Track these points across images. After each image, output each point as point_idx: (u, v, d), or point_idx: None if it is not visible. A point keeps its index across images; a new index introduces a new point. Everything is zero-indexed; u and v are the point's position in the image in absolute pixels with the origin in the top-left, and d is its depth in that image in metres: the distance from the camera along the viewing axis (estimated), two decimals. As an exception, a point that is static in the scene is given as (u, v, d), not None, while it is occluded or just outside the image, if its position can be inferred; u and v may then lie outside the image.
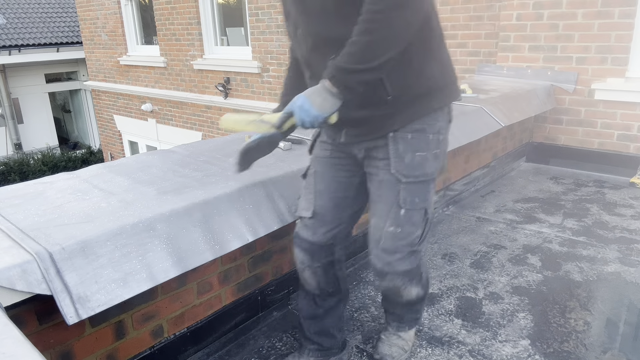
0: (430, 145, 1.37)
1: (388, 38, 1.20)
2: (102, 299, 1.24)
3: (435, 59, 1.33)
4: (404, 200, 1.37)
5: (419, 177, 1.37)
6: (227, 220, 1.60)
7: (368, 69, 1.22)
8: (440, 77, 1.35)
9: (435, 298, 2.13)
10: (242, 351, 1.83)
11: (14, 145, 13.08)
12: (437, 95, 1.36)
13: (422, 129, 1.36)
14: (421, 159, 1.36)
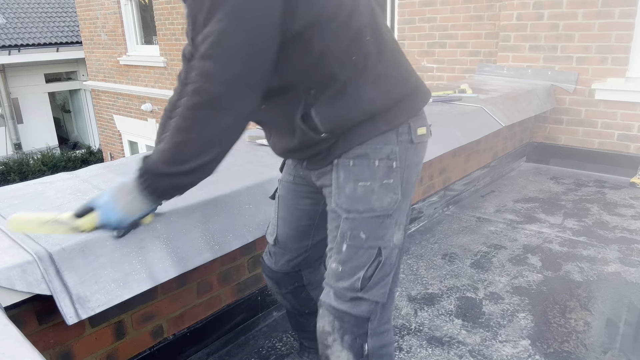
0: (376, 173, 1.13)
1: (202, 140, 1.02)
2: (102, 299, 1.24)
3: (376, 80, 1.11)
4: (344, 234, 1.15)
5: (364, 213, 1.13)
6: (227, 220, 1.60)
7: (180, 173, 1.06)
8: (385, 97, 1.12)
9: (436, 298, 2.12)
10: (242, 351, 1.83)
11: (14, 145, 13.07)
12: (382, 117, 1.12)
13: (364, 155, 1.13)
14: (365, 191, 1.13)
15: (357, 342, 1.17)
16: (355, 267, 1.14)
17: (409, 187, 1.19)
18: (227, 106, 1.00)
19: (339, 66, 1.07)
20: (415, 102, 1.17)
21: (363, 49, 1.08)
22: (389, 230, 1.15)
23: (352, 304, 1.15)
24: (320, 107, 1.10)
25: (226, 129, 1.03)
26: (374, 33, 1.10)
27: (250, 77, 1.00)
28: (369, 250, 1.14)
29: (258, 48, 0.97)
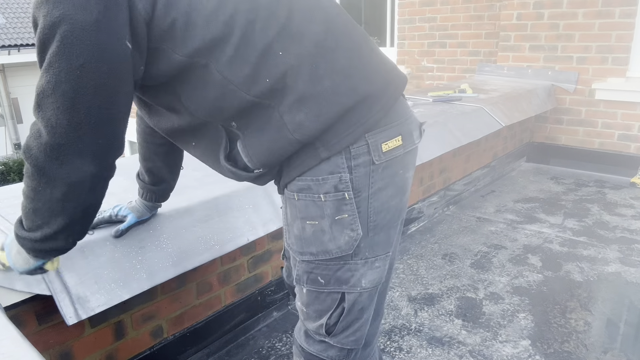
0: (324, 209, 0.94)
1: (40, 210, 0.89)
2: (102, 299, 1.24)
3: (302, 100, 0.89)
4: (300, 277, 1.02)
5: (318, 256, 0.97)
6: (227, 220, 1.59)
7: (35, 240, 0.93)
8: (316, 118, 0.89)
9: (436, 298, 2.12)
10: (242, 351, 1.83)
11: (14, 145, 13.08)
12: (320, 141, 0.91)
13: (307, 188, 0.94)
14: (314, 230, 0.95)
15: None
16: (318, 311, 1.02)
17: (385, 215, 0.98)
18: (52, 178, 0.85)
19: (252, 95, 0.88)
20: (370, 112, 0.93)
21: (277, 66, 0.87)
22: (355, 273, 0.98)
23: (321, 347, 1.05)
24: (247, 140, 0.93)
25: (60, 199, 0.87)
26: (290, 43, 0.88)
27: (75, 142, 0.82)
28: (331, 294, 1.00)
29: (100, 113, 0.82)
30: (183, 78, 0.87)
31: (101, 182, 0.93)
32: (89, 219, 0.96)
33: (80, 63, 0.77)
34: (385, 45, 5.05)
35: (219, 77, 0.86)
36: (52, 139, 0.82)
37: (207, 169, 1.42)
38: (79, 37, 0.76)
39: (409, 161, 1.01)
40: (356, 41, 0.95)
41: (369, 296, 1.02)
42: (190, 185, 1.69)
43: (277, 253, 2.01)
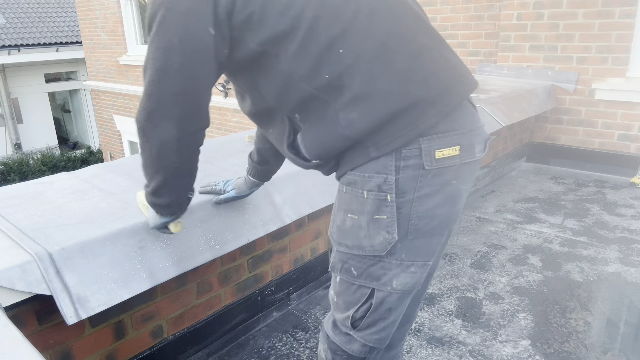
0: (365, 206, 0.96)
1: (146, 165, 1.08)
2: (102, 299, 1.24)
3: (356, 99, 0.93)
4: (335, 264, 1.06)
5: (352, 250, 1.00)
6: (227, 220, 1.59)
7: (150, 193, 1.12)
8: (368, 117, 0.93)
9: (436, 298, 2.12)
10: (242, 351, 1.83)
11: (14, 145, 13.07)
12: (372, 140, 0.95)
13: (354, 182, 0.98)
14: (353, 224, 0.99)
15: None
16: (347, 303, 1.05)
17: (429, 222, 0.97)
18: (148, 136, 1.03)
19: (312, 87, 0.94)
20: (423, 116, 0.93)
21: (336, 64, 0.92)
22: (388, 272, 0.99)
23: (345, 339, 1.08)
24: (305, 132, 1.00)
25: (155, 156, 1.04)
26: (351, 43, 0.92)
27: (163, 108, 0.98)
28: (361, 288, 1.02)
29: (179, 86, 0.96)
30: (258, 65, 0.97)
31: (184, 146, 1.03)
32: (182, 180, 1.10)
33: (170, 43, 0.92)
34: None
35: (286, 67, 0.94)
36: (148, 104, 0.99)
37: (207, 169, 1.41)
38: (171, 22, 0.92)
39: (466, 173, 1.00)
40: (418, 45, 0.96)
41: (399, 299, 1.02)
42: (190, 185, 1.69)
43: (277, 253, 2.01)
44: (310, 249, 2.17)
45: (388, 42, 0.94)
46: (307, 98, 0.96)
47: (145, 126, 1.02)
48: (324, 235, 2.22)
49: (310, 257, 2.17)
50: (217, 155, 2.05)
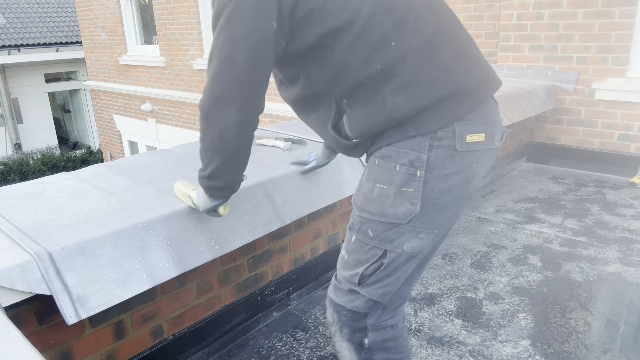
0: (395, 178, 1.07)
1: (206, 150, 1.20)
2: (102, 299, 1.24)
3: (403, 86, 1.05)
4: (354, 226, 1.17)
5: (375, 216, 1.11)
6: (227, 220, 1.60)
7: (206, 177, 1.24)
8: (412, 102, 1.05)
9: (436, 298, 2.12)
10: (242, 351, 1.83)
11: (14, 145, 13.08)
12: (412, 122, 1.07)
13: (388, 156, 1.09)
14: (380, 194, 1.10)
15: (356, 335, 1.19)
16: (357, 261, 1.16)
17: (446, 197, 1.09)
18: (212, 121, 1.12)
19: (363, 75, 1.06)
20: (460, 105, 1.06)
21: (388, 55, 1.04)
22: (401, 236, 1.11)
23: (349, 297, 1.18)
24: (351, 114, 1.12)
25: (217, 139, 1.13)
26: (403, 37, 1.04)
27: (228, 94, 1.08)
28: (374, 249, 1.13)
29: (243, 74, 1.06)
30: (313, 55, 1.08)
31: (244, 128, 1.14)
32: (239, 160, 1.21)
33: (237, 36, 1.03)
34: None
35: (340, 58, 1.05)
36: (213, 91, 1.08)
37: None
38: (239, 17, 1.02)
39: (486, 159, 1.13)
40: (460, 42, 1.10)
41: (406, 260, 1.15)
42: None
43: (277, 253, 2.01)
44: (310, 249, 2.17)
45: (434, 38, 1.06)
46: (356, 85, 1.08)
47: (210, 111, 1.11)
48: (324, 235, 2.22)
49: (310, 257, 2.17)
50: (217, 155, 2.05)
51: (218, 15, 1.04)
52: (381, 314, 1.20)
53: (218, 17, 1.04)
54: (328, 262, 2.27)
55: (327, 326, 1.25)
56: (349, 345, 1.21)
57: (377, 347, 1.20)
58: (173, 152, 2.13)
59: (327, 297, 1.25)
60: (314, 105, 1.18)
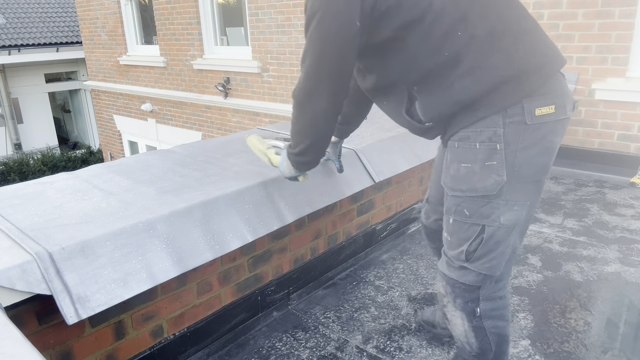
0: (477, 155, 1.19)
1: (299, 132, 1.38)
2: (102, 298, 1.24)
3: (470, 71, 1.17)
4: (450, 209, 1.29)
5: (466, 193, 1.23)
6: (227, 220, 1.60)
7: (295, 154, 1.43)
8: (480, 85, 1.17)
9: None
10: (242, 351, 1.83)
11: (14, 145, 13.08)
12: (481, 103, 1.18)
13: (466, 137, 1.21)
14: (467, 172, 1.22)
15: (469, 305, 1.32)
16: (460, 239, 1.28)
17: (529, 169, 1.20)
18: (305, 109, 1.31)
19: (433, 63, 1.18)
20: (524, 84, 1.17)
21: (455, 43, 1.15)
22: (496, 211, 1.21)
23: (461, 272, 1.30)
24: (422, 100, 1.24)
25: (308, 124, 1.33)
26: (468, 27, 1.15)
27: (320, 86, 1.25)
28: (473, 226, 1.25)
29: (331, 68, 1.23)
30: (387, 47, 1.22)
31: (332, 114, 1.31)
32: (325, 142, 1.40)
33: (327, 36, 1.19)
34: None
35: (412, 48, 1.19)
36: (307, 84, 1.26)
37: (207, 169, 1.41)
38: (328, 20, 1.17)
39: (559, 128, 1.23)
40: (522, 28, 1.20)
41: (506, 232, 1.24)
42: (190, 185, 1.69)
43: (277, 253, 2.01)
44: (310, 249, 2.17)
45: (497, 26, 1.17)
46: (426, 72, 1.20)
47: (303, 101, 1.29)
48: (324, 235, 2.22)
49: (310, 257, 2.17)
50: (217, 155, 2.05)
51: (310, 19, 1.20)
52: (493, 286, 1.31)
53: (310, 21, 1.20)
54: (328, 262, 2.27)
55: (439, 297, 1.37)
56: (462, 314, 1.34)
57: (488, 315, 1.32)
58: (173, 152, 2.13)
59: (438, 271, 1.38)
60: (387, 93, 1.33)
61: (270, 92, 6.13)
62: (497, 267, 1.28)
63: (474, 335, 1.34)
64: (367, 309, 2.06)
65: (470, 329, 1.34)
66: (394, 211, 2.65)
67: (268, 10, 5.76)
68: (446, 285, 1.35)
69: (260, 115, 6.35)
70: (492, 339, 1.35)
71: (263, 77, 6.16)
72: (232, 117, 6.76)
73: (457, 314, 1.35)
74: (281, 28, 5.65)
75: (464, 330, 1.36)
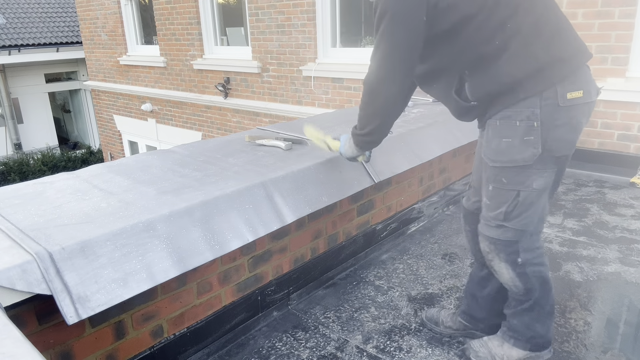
0: (517, 131, 1.41)
1: (367, 115, 1.59)
2: (102, 298, 1.24)
3: (514, 58, 1.38)
4: (489, 178, 1.52)
5: (506, 163, 1.45)
6: (227, 220, 1.60)
7: (362, 135, 1.65)
8: (521, 71, 1.38)
9: (435, 298, 2.12)
10: (242, 351, 1.83)
11: (14, 145, 13.08)
12: (521, 86, 1.39)
13: (508, 116, 1.43)
14: (507, 145, 1.44)
15: (511, 257, 1.53)
16: (499, 203, 1.50)
17: (559, 144, 1.42)
18: (377, 94, 1.52)
19: (483, 51, 1.39)
20: (559, 71, 1.38)
21: (504, 35, 1.37)
22: (529, 177, 1.44)
23: (500, 231, 1.52)
24: (471, 82, 1.45)
25: (380, 106, 1.54)
26: (516, 21, 1.36)
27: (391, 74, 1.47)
28: (510, 191, 1.47)
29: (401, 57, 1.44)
30: (445, 37, 1.42)
31: (400, 98, 1.55)
32: (390, 124, 1.62)
33: (397, 31, 1.41)
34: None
35: (466, 39, 1.40)
36: (380, 72, 1.48)
37: (207, 169, 1.41)
38: (397, 20, 1.40)
39: (586, 110, 1.46)
40: (558, 22, 1.42)
41: (537, 195, 1.48)
42: (190, 185, 1.69)
43: (277, 253, 2.01)
44: (310, 249, 2.17)
45: (539, 20, 1.39)
46: (477, 58, 1.41)
47: (376, 87, 1.51)
48: (324, 235, 2.22)
49: (310, 257, 2.17)
50: (217, 155, 2.05)
51: (381, 17, 1.40)
52: (529, 239, 1.53)
53: (381, 19, 1.40)
54: (328, 261, 2.27)
55: (484, 255, 1.61)
56: (506, 265, 1.55)
57: (528, 263, 1.54)
58: (173, 152, 2.13)
59: (479, 234, 1.60)
60: (438, 77, 1.54)
61: (270, 92, 6.13)
62: (531, 224, 1.51)
63: (519, 280, 1.56)
64: (367, 309, 2.06)
65: (515, 275, 1.55)
66: (394, 211, 2.65)
67: (268, 10, 5.76)
68: (489, 244, 1.56)
69: (260, 115, 6.35)
70: (535, 281, 1.56)
71: (263, 77, 6.16)
72: (232, 117, 6.76)
73: (502, 266, 1.56)
74: (281, 28, 5.65)
75: (510, 278, 1.57)
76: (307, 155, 2.06)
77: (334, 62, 5.29)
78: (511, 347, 1.63)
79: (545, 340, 1.62)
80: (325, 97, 5.44)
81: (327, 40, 5.35)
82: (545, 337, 1.62)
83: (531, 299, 1.58)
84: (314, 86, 5.49)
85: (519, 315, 1.61)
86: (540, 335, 1.61)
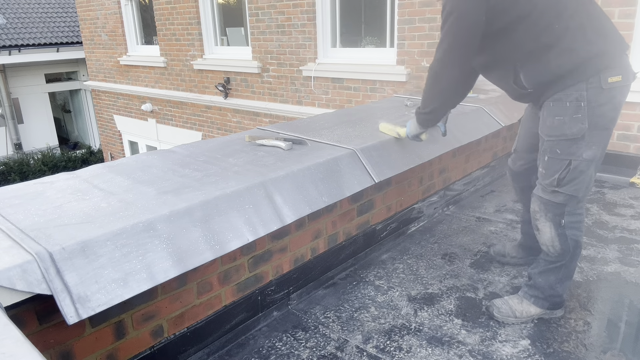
0: (567, 110, 1.68)
1: (430, 96, 1.92)
2: (102, 298, 1.25)
3: (562, 52, 1.65)
4: (545, 150, 1.78)
5: (560, 137, 1.72)
6: (227, 220, 1.60)
7: (425, 113, 1.98)
8: (569, 62, 1.65)
9: (435, 298, 2.13)
10: (242, 351, 1.83)
11: (14, 145, 13.08)
12: (570, 75, 1.66)
13: (559, 99, 1.70)
14: (559, 122, 1.71)
15: (557, 218, 1.80)
16: (553, 171, 1.76)
17: (603, 120, 1.69)
18: (441, 78, 1.83)
19: (534, 46, 1.68)
20: (602, 60, 1.64)
21: (553, 32, 1.64)
22: (579, 149, 1.70)
23: (553, 195, 1.78)
24: (525, 72, 1.74)
25: (443, 88, 1.86)
26: (564, 20, 1.64)
27: (455, 61, 1.76)
28: (562, 161, 1.73)
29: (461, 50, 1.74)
30: (499, 34, 1.72)
31: (462, 81, 1.85)
32: (450, 105, 1.97)
33: (461, 28, 1.71)
34: (385, 46, 5.05)
35: (518, 36, 1.70)
36: (445, 61, 1.78)
37: (207, 169, 1.40)
38: (461, 18, 1.69)
39: (625, 92, 1.74)
40: (600, 20, 1.69)
41: (586, 165, 1.73)
42: (190, 185, 1.69)
43: (277, 253, 2.01)
44: (310, 249, 2.17)
45: (584, 20, 1.66)
46: (528, 52, 1.70)
47: (441, 72, 1.81)
48: (324, 235, 2.22)
49: (310, 257, 2.17)
50: (217, 155, 2.05)
51: (448, 16, 1.69)
52: (575, 204, 1.79)
53: (448, 18, 1.69)
54: (328, 261, 2.27)
55: (532, 214, 1.86)
56: (551, 224, 1.81)
57: (569, 226, 1.81)
58: (173, 152, 2.13)
59: (534, 195, 1.86)
60: (496, 66, 1.85)
61: (271, 92, 6.13)
62: (580, 190, 1.76)
63: (558, 240, 1.81)
64: (367, 309, 2.07)
65: (556, 235, 1.81)
66: (394, 211, 2.65)
67: (268, 11, 5.76)
68: (540, 204, 1.82)
69: (260, 115, 6.35)
70: (571, 244, 1.82)
71: (263, 77, 6.16)
72: (232, 117, 6.76)
73: (547, 224, 1.81)
74: (281, 28, 5.65)
75: (550, 237, 1.82)
76: (307, 155, 2.06)
77: (334, 62, 5.29)
78: (530, 304, 1.91)
79: (561, 300, 1.91)
80: (325, 97, 5.44)
81: (327, 41, 5.35)
82: (562, 297, 1.91)
83: (563, 260, 1.83)
84: (314, 86, 5.49)
85: (545, 274, 1.88)
86: (558, 295, 1.89)
